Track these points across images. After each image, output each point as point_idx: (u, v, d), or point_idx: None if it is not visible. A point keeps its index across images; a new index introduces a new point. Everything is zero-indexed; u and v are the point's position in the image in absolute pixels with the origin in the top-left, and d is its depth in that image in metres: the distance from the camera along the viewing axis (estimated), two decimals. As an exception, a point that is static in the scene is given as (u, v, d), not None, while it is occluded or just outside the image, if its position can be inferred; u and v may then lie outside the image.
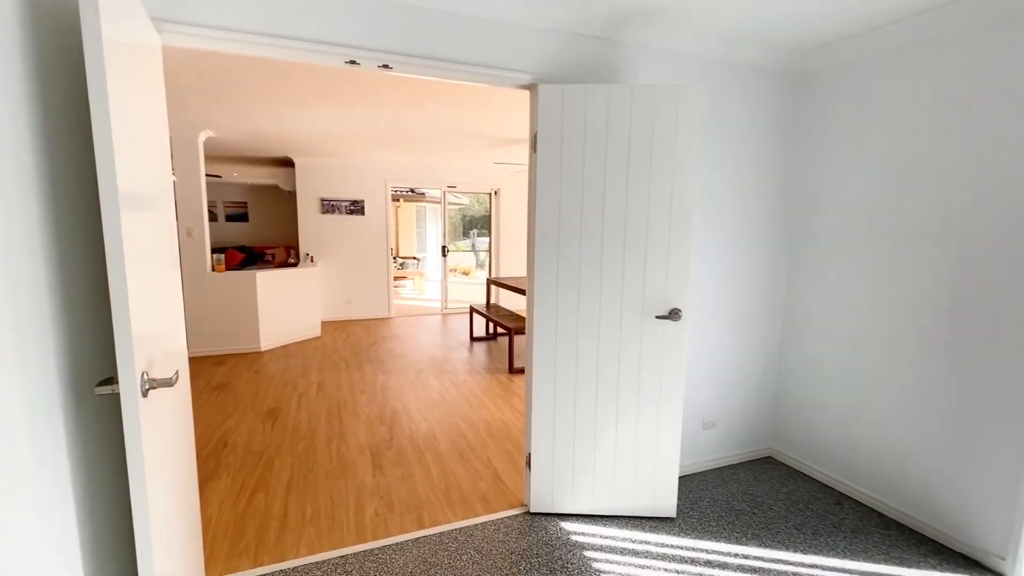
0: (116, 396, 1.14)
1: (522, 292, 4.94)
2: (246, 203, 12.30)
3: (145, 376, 1.17)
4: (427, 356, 5.20)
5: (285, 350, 5.40)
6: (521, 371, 4.66)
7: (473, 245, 13.76)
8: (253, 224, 12.41)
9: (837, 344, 2.56)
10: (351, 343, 5.74)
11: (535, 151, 2.10)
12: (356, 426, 3.35)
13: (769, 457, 2.96)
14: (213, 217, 12.04)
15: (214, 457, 2.88)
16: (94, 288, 1.39)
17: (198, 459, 2.86)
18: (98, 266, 1.41)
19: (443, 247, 7.66)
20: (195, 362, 4.88)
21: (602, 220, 2.11)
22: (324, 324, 6.80)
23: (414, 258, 12.22)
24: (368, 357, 5.12)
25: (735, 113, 2.56)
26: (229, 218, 12.22)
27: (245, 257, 11.77)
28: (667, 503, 2.31)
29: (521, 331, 4.69)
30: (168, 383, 1.20)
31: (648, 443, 2.27)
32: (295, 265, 6.67)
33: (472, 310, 5.96)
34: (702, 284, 2.61)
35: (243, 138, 5.46)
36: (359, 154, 6.44)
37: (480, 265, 15.60)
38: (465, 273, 14.48)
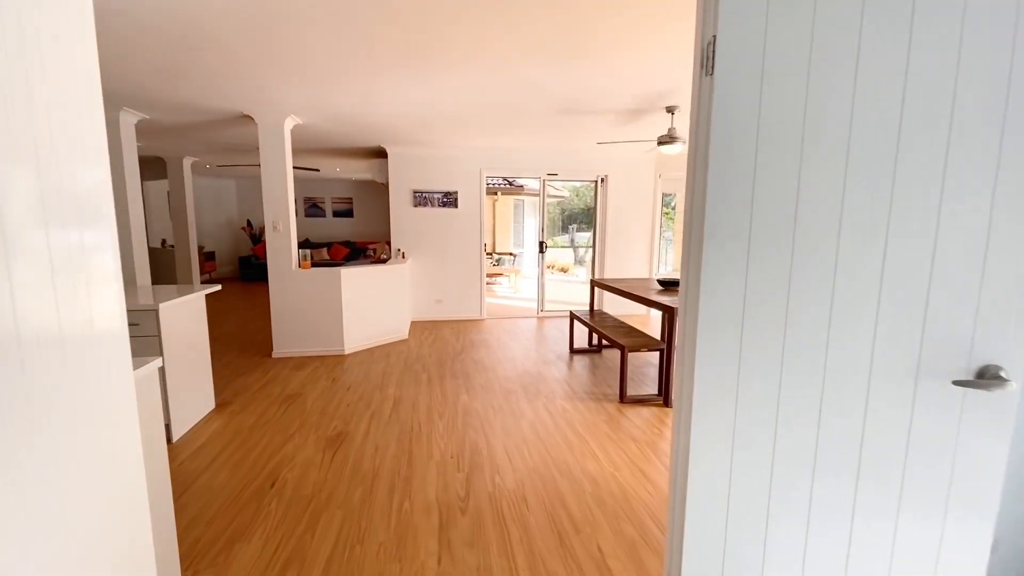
0: None
1: (635, 298, 3.96)
2: (351, 199, 12.61)
3: None
4: (519, 371, 4.44)
5: (369, 354, 4.96)
6: (636, 402, 3.69)
7: (572, 240, 12.84)
8: (358, 220, 12.67)
9: None
10: (437, 349, 5.16)
11: (710, 72, 1.17)
12: (427, 468, 2.65)
13: (1088, 607, 1.72)
14: (321, 213, 12.50)
15: (255, 501, 2.34)
16: None
17: (239, 500, 2.34)
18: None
19: (541, 243, 6.86)
20: (277, 364, 4.58)
21: (840, 197, 1.13)
22: (413, 325, 6.36)
23: (510, 254, 11.62)
24: (453, 369, 4.48)
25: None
26: (336, 214, 12.62)
27: (349, 252, 12.04)
28: None
29: (636, 349, 3.72)
30: None
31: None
32: (385, 261, 6.31)
33: (573, 317, 5.08)
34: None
35: (332, 125, 5.09)
36: (452, 141, 5.85)
37: (579, 262, 14.65)
38: (563, 270, 13.63)
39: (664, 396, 3.61)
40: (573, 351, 5.08)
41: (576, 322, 5.07)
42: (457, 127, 5.08)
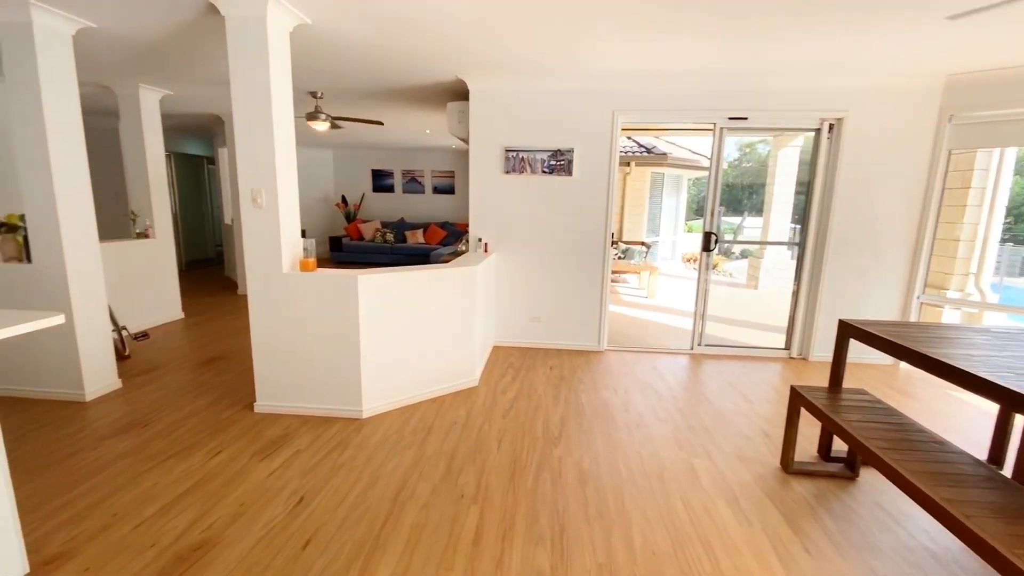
0: None
1: None
2: (453, 172, 10.80)
3: None
4: (682, 538, 1.99)
5: (401, 423, 2.88)
6: None
7: (739, 228, 9.68)
8: (459, 196, 10.85)
9: None
10: (517, 422, 2.90)
11: None
12: None
13: None
14: (420, 188, 10.90)
15: None
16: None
17: None
18: None
19: (707, 235, 4.17)
20: (247, 433, 2.70)
21: None
22: (495, 353, 4.18)
23: (642, 244, 8.90)
24: (534, 494, 2.17)
25: None
26: (436, 189, 10.93)
27: (447, 235, 10.25)
28: None
29: None
30: None
31: None
32: (461, 254, 4.19)
33: (798, 400, 2.43)
34: None
35: (369, 31, 3.01)
36: (568, 55, 3.44)
37: (724, 253, 11.28)
38: (713, 267, 10.46)
39: None
40: (791, 469, 2.45)
41: (800, 404, 2.42)
42: (580, 30, 2.67)
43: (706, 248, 4.17)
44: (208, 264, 8.95)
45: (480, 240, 4.28)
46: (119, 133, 4.72)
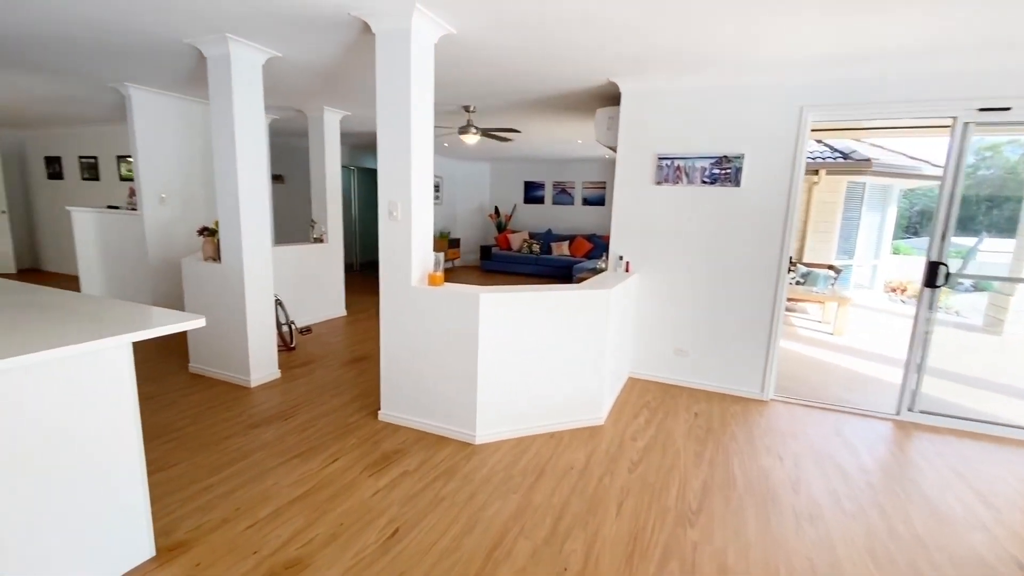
0: None
1: None
2: (604, 183, 10.40)
3: None
4: None
5: (513, 455, 2.63)
6: None
7: (971, 252, 7.58)
8: (610, 207, 10.39)
9: None
10: (644, 482, 2.42)
11: None
12: None
13: None
14: (569, 200, 10.72)
15: None
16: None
17: None
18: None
19: (933, 266, 3.12)
20: (364, 442, 2.72)
21: None
22: (632, 385, 3.71)
23: (830, 267, 7.39)
24: (659, 592, 1.72)
25: None
26: (586, 201, 10.64)
27: (591, 248, 9.91)
28: None
29: None
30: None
31: None
32: (599, 271, 3.81)
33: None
34: None
35: (515, 35, 2.86)
36: (745, 47, 2.85)
37: (977, 288, 8.75)
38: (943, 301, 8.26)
39: None
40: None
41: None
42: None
43: (930, 284, 3.12)
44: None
45: (621, 258, 3.85)
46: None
